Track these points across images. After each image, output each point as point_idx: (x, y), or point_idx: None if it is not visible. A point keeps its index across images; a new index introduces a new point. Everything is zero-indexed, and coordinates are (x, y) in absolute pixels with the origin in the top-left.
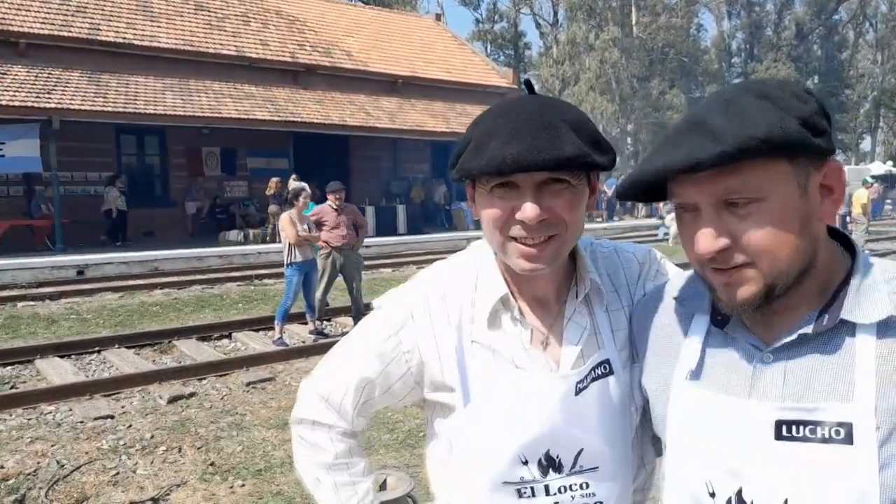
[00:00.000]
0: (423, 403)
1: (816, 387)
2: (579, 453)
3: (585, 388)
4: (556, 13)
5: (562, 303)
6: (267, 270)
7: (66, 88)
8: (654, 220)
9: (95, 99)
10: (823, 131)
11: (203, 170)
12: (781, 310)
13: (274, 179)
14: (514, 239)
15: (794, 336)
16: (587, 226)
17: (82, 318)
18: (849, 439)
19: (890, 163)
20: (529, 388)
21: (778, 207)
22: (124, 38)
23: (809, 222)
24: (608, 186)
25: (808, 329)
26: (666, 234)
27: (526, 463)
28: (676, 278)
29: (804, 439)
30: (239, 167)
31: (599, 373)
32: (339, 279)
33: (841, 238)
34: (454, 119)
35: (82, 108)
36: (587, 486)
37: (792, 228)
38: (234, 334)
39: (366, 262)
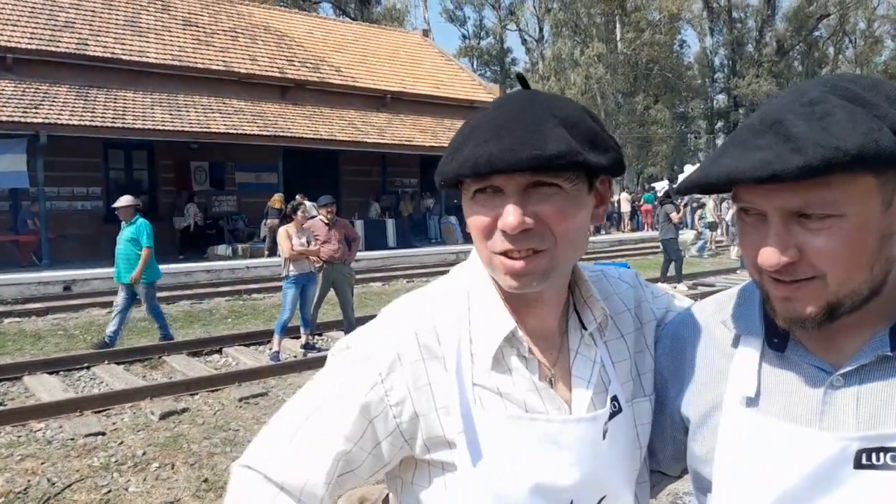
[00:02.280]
0: (390, 475)
1: (893, 411)
2: (601, 501)
3: (607, 430)
4: (541, 29)
5: (563, 334)
6: (256, 285)
7: (54, 103)
8: (640, 234)
9: (83, 114)
10: None
11: (192, 185)
12: (844, 329)
13: (278, 195)
14: (498, 254)
15: (870, 357)
16: None
17: (69, 334)
18: None
19: None
20: (552, 435)
21: (856, 224)
22: (112, 53)
23: (889, 241)
24: None
25: (888, 350)
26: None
27: None
28: (710, 300)
29: (885, 467)
30: (227, 182)
31: (612, 410)
32: (331, 294)
33: None
34: (442, 134)
35: (70, 122)
36: None
37: (868, 247)
38: (224, 349)
39: (356, 276)
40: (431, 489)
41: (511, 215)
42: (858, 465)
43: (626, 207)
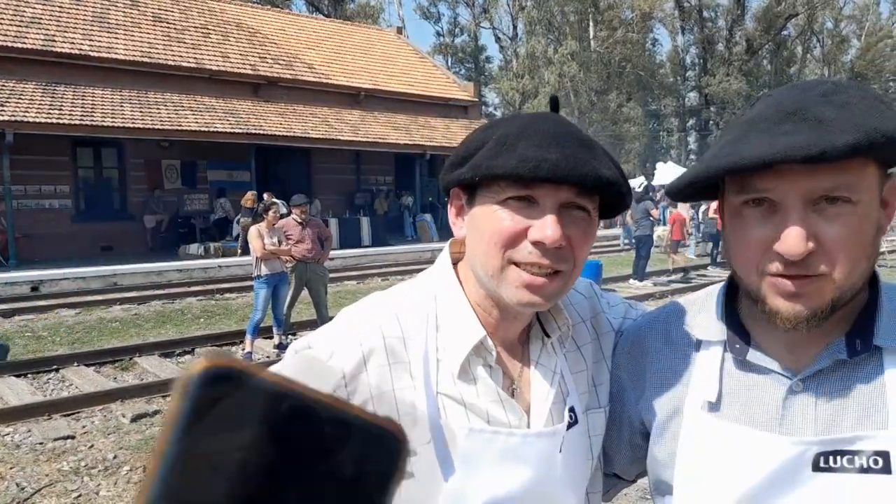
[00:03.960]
0: None
1: (850, 415)
2: None
3: (563, 441)
4: (515, 27)
5: (524, 343)
6: (228, 284)
7: (21, 101)
8: (613, 231)
9: (51, 111)
10: None
11: (163, 183)
12: (809, 334)
13: (250, 193)
14: (517, 264)
15: (827, 363)
16: None
17: (37, 335)
18: (888, 469)
19: None
20: (511, 449)
21: (863, 213)
22: (80, 49)
23: (879, 235)
24: None
25: (845, 356)
26: (626, 243)
27: None
28: (669, 307)
29: (842, 469)
30: (199, 180)
31: (568, 422)
32: (305, 293)
33: None
34: (416, 131)
35: (37, 120)
36: None
37: (869, 238)
38: (197, 350)
39: (330, 275)
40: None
41: (551, 228)
42: (817, 467)
43: None
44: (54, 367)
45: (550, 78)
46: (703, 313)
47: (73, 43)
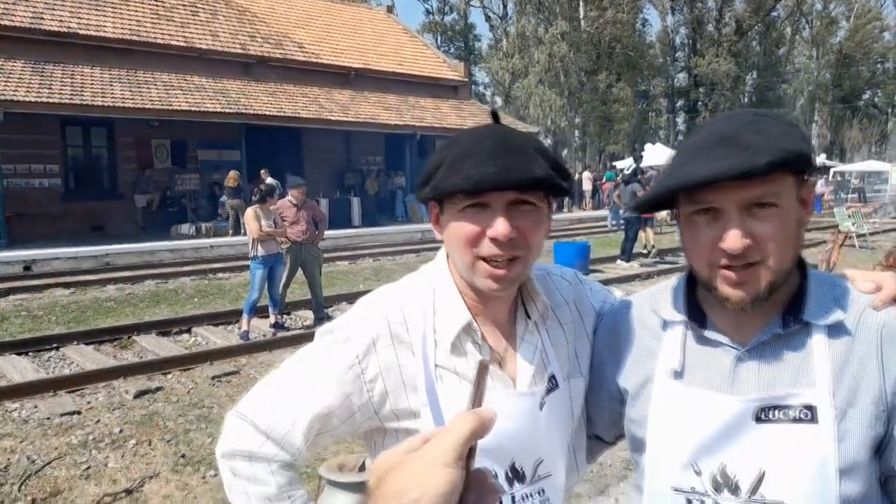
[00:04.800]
0: (367, 435)
1: (785, 377)
2: (539, 463)
3: (545, 402)
4: (505, 6)
5: (511, 323)
6: (221, 264)
7: (9, 79)
8: (601, 212)
9: (40, 90)
10: (814, 153)
11: (153, 162)
12: (752, 312)
13: (233, 172)
14: (483, 259)
15: (767, 336)
16: None
17: (33, 314)
18: (814, 419)
19: (823, 155)
20: (497, 406)
21: (786, 213)
22: (69, 27)
23: (801, 228)
24: None
25: (780, 330)
26: (614, 224)
27: (496, 477)
28: (642, 293)
29: (778, 420)
30: (189, 160)
31: (549, 387)
32: (299, 274)
33: None
34: (407, 111)
35: (26, 99)
36: (543, 492)
37: (792, 232)
38: (193, 329)
39: (323, 256)
40: None
41: (501, 226)
42: (758, 419)
43: (587, 186)
44: (55, 345)
45: (540, 57)
46: (668, 299)
47: (61, 21)
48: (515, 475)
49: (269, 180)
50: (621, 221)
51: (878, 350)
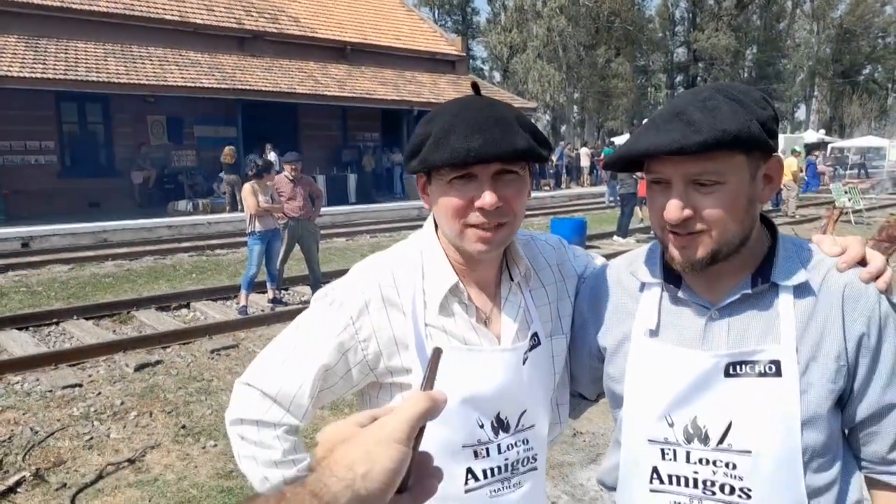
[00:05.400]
0: (363, 391)
1: (753, 334)
2: (523, 414)
3: (528, 358)
4: None
5: (497, 284)
6: (219, 241)
7: (3, 55)
8: (599, 188)
9: (34, 65)
10: (775, 134)
11: (149, 138)
12: (723, 274)
13: (229, 148)
14: (472, 226)
15: (737, 296)
16: (537, 194)
17: (32, 290)
18: (779, 373)
19: (822, 131)
20: (483, 361)
21: (733, 190)
22: (62, 1)
23: (753, 204)
24: (557, 155)
25: (749, 290)
26: (611, 200)
27: (482, 426)
28: (621, 257)
29: (746, 375)
30: (186, 136)
31: (532, 343)
32: (296, 249)
33: (763, 218)
34: (404, 86)
35: (21, 75)
36: (527, 441)
37: (740, 208)
38: (192, 304)
39: (321, 232)
40: (392, 403)
41: (489, 197)
42: (727, 374)
43: (585, 162)
44: (55, 320)
45: (539, 32)
46: (646, 262)
47: None
48: (500, 425)
49: (272, 156)
50: (618, 198)
51: (840, 309)
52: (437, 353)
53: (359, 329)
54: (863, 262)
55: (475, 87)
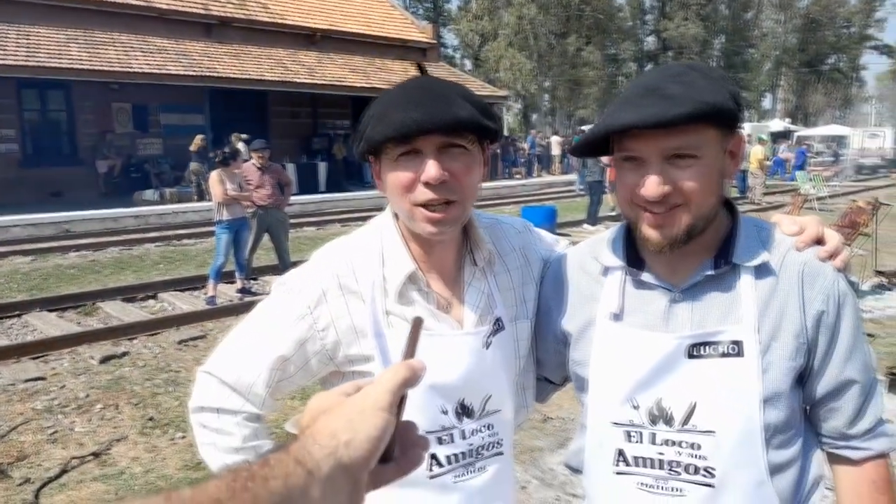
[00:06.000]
0: (325, 380)
1: (715, 315)
2: (487, 399)
3: (491, 342)
4: None
5: (459, 270)
6: (186, 230)
7: None
8: (569, 177)
9: None
10: (742, 109)
11: (114, 126)
12: (686, 256)
13: (198, 137)
14: (421, 205)
15: (699, 278)
16: (508, 182)
17: None
18: (740, 353)
19: (788, 120)
20: (444, 347)
21: (707, 164)
22: None
23: (722, 178)
24: (528, 143)
25: (712, 271)
26: (581, 188)
27: (446, 412)
28: (585, 242)
29: (708, 356)
30: (152, 123)
31: (496, 328)
32: (266, 239)
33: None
34: (374, 74)
35: None
36: (492, 426)
37: (714, 181)
38: (159, 295)
39: (290, 221)
40: None
41: (433, 169)
42: (690, 355)
43: (556, 150)
44: (17, 312)
45: (510, 20)
46: (609, 246)
47: None
48: (464, 410)
49: (241, 146)
50: (586, 186)
51: (799, 288)
52: (418, 322)
53: (317, 318)
54: (820, 242)
55: (421, 68)
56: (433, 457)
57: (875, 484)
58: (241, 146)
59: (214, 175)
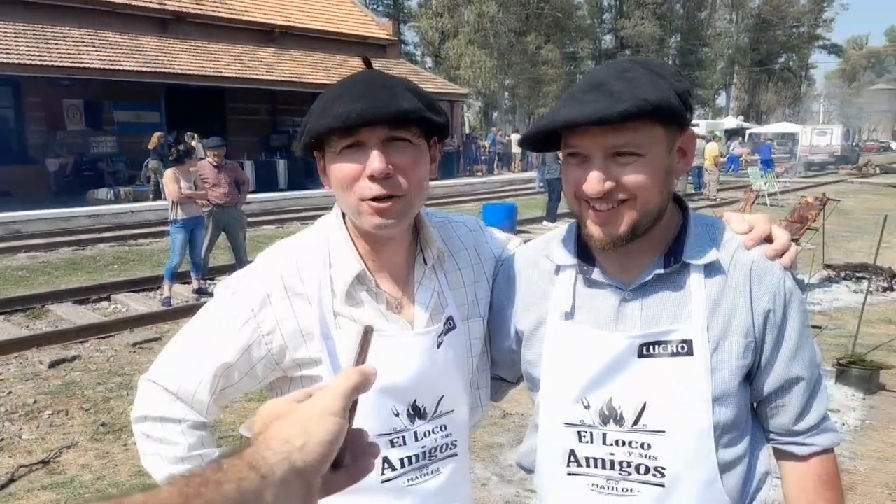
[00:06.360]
0: (273, 385)
1: (665, 314)
2: (440, 400)
3: (443, 342)
4: None
5: (409, 269)
6: (142, 230)
7: None
8: (529, 174)
9: None
10: (691, 107)
11: (65, 124)
12: (637, 254)
13: (157, 133)
14: (366, 200)
15: (650, 276)
16: (469, 180)
17: None
18: (690, 352)
19: (741, 117)
20: (395, 348)
21: (651, 162)
22: None
23: (670, 176)
24: (489, 141)
25: (662, 270)
26: (541, 186)
27: (398, 414)
28: (537, 240)
29: (659, 355)
30: (105, 121)
31: (448, 327)
32: (223, 238)
33: (674, 197)
34: (334, 71)
35: None
36: (445, 427)
37: (659, 178)
38: (113, 296)
39: (248, 219)
40: None
41: (377, 161)
42: (641, 355)
43: (517, 148)
44: None
45: (470, 17)
46: (561, 244)
47: None
48: (417, 412)
49: (195, 144)
50: (545, 183)
51: (747, 286)
52: (368, 331)
53: (261, 322)
54: (769, 240)
55: (367, 61)
56: (386, 460)
57: (821, 479)
58: (195, 144)
59: (169, 173)
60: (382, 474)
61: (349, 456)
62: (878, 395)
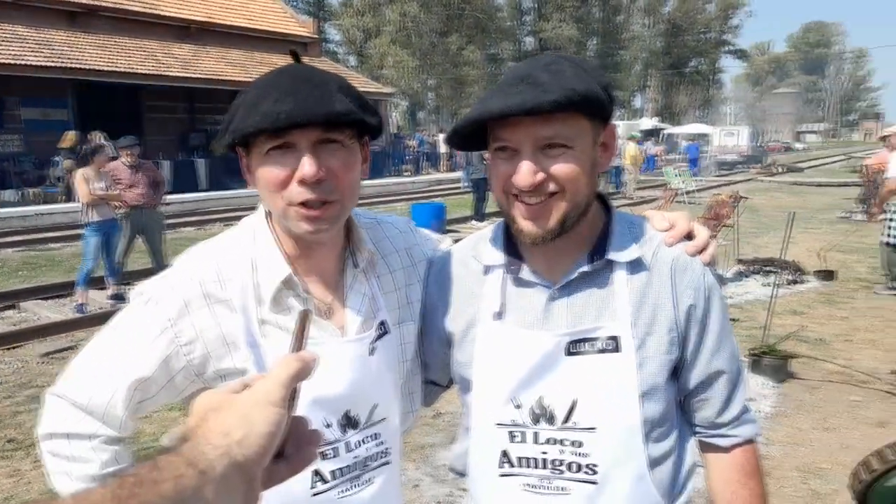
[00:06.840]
0: (193, 397)
1: (592, 312)
2: (374, 408)
3: (376, 348)
4: None
5: (339, 273)
6: (52, 233)
7: None
8: (457, 174)
9: None
10: (613, 100)
11: None
12: (563, 252)
13: (70, 133)
14: (296, 205)
15: (575, 274)
16: (398, 179)
17: None
18: (617, 348)
19: (657, 118)
20: (327, 356)
21: (580, 154)
22: None
23: (595, 170)
24: (417, 141)
25: (586, 268)
26: (467, 185)
27: (329, 426)
28: (465, 240)
29: (586, 353)
30: (10, 118)
31: (380, 332)
32: (139, 241)
33: (598, 196)
34: (253, 68)
35: None
36: (378, 436)
37: (587, 171)
38: (20, 304)
39: (167, 221)
40: None
41: (308, 166)
42: (568, 353)
43: (443, 148)
44: None
45: (392, 17)
46: (489, 244)
47: None
48: (349, 422)
49: (103, 142)
50: (470, 182)
51: (670, 282)
52: (304, 314)
53: (179, 332)
54: (690, 237)
55: (295, 55)
56: (316, 473)
57: (744, 468)
58: (104, 142)
59: (79, 174)
60: (313, 487)
61: (291, 446)
62: (788, 383)
